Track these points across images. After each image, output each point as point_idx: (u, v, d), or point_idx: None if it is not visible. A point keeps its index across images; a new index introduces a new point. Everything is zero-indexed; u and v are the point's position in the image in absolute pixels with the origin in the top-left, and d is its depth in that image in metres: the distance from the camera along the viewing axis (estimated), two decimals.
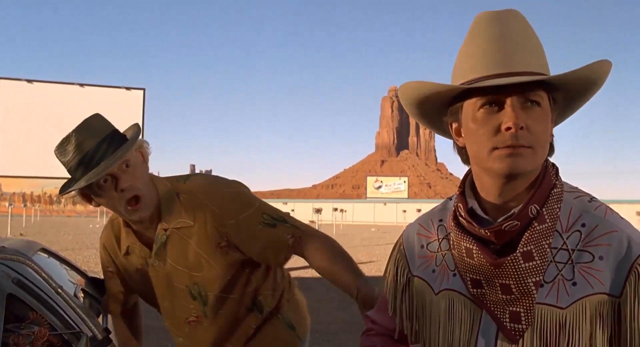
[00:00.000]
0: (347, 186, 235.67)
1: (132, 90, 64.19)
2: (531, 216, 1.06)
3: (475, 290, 1.12)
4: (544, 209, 1.06)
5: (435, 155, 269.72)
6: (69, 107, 58.59)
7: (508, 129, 1.00)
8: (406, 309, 1.29)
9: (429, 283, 1.23)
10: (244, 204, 1.88)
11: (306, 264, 1.77)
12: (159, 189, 1.88)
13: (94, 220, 47.30)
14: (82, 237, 23.02)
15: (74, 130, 1.80)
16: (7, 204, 57.12)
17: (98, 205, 1.84)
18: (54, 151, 1.83)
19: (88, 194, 1.80)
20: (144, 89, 64.05)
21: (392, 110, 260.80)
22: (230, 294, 1.94)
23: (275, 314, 2.04)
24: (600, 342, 1.01)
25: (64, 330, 1.87)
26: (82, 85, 62.58)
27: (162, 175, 2.04)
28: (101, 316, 2.56)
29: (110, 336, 1.93)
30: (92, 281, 2.93)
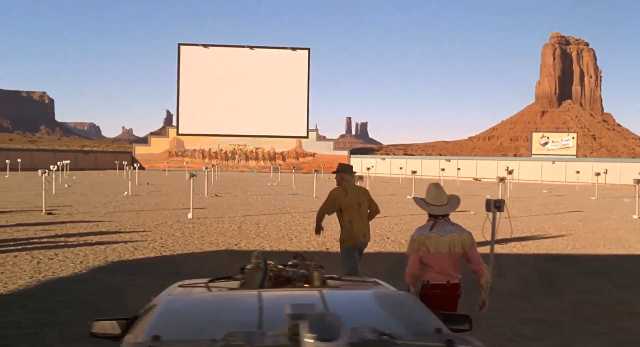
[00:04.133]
0: (505, 138, 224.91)
1: (298, 51, 66.40)
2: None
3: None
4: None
5: (602, 105, 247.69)
6: (241, 68, 62.16)
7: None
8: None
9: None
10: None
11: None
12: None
13: (267, 175, 50.09)
14: (268, 199, 24.48)
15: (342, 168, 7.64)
16: (188, 159, 62.57)
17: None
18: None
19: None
20: (308, 49, 65.39)
21: (554, 58, 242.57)
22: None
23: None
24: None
25: None
26: (251, 47, 65.92)
27: (319, 127, 5.24)
28: None
29: None
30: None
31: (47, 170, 17.51)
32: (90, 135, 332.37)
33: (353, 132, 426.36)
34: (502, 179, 18.74)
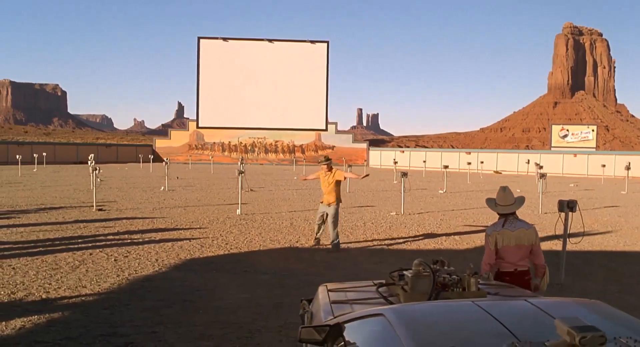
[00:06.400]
0: (517, 130, 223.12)
1: (317, 43, 66.35)
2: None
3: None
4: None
5: (615, 96, 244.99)
6: (260, 61, 62.37)
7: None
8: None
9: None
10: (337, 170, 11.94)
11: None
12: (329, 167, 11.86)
13: (289, 168, 50.36)
14: (304, 194, 24.68)
15: None
16: (209, 152, 63.01)
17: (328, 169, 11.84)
18: None
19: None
20: (327, 42, 65.23)
21: (567, 49, 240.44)
22: (334, 186, 11.67)
23: (338, 197, 11.78)
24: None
25: None
26: (271, 40, 66.08)
27: (330, 117, 26.85)
28: None
29: None
30: None
31: (97, 168, 17.85)
32: (103, 127, 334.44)
33: (364, 124, 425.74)
34: (542, 176, 18.90)
